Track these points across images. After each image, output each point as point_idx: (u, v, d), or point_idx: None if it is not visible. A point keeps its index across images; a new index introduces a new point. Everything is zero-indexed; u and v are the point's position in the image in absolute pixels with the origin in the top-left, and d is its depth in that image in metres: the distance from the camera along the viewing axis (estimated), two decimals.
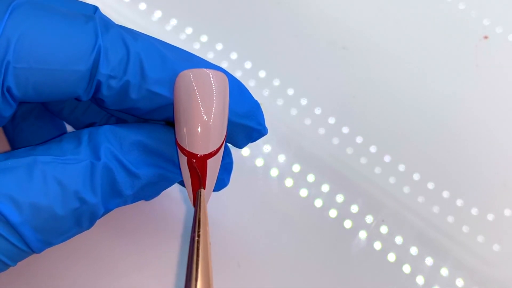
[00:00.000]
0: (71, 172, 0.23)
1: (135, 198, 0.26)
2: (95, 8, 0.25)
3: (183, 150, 0.24)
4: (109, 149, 0.24)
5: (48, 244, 0.24)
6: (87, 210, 0.23)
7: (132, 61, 0.24)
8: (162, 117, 0.26)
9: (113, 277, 0.31)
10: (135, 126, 0.25)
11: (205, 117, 0.23)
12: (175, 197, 0.33)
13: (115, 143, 0.24)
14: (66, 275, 0.31)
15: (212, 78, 0.24)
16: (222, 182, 0.28)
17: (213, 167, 0.25)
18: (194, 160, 0.24)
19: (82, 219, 0.24)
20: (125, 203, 0.25)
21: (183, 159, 0.25)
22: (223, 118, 0.24)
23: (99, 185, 0.23)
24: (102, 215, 0.25)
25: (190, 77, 0.24)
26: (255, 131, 0.27)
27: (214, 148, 0.24)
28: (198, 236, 0.23)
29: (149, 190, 0.26)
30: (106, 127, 0.25)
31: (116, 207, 0.25)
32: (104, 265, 0.31)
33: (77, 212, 0.23)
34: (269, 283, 0.33)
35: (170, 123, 0.26)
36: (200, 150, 0.24)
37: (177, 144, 0.25)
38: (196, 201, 0.25)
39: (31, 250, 0.23)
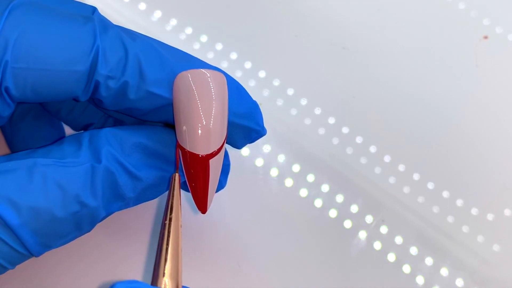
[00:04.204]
0: (71, 175, 0.23)
1: (137, 201, 0.26)
2: (94, 9, 0.25)
3: (185, 151, 0.24)
4: (110, 151, 0.24)
5: (47, 247, 0.23)
6: (87, 214, 0.23)
7: (130, 61, 0.24)
8: (161, 118, 0.26)
9: (112, 278, 0.31)
10: (136, 128, 0.25)
11: (205, 117, 0.23)
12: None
13: (116, 146, 0.24)
14: (66, 276, 0.31)
15: (211, 78, 0.24)
16: (219, 184, 0.28)
17: (215, 167, 0.25)
18: (196, 161, 0.24)
19: (82, 222, 0.24)
20: (127, 206, 0.25)
21: (184, 160, 0.25)
22: (223, 118, 0.24)
23: (99, 188, 0.23)
24: (103, 218, 0.25)
25: (188, 78, 0.24)
26: (254, 132, 0.27)
27: (215, 148, 0.24)
28: (170, 220, 0.24)
29: (151, 192, 0.26)
30: (107, 129, 0.25)
31: (118, 210, 0.25)
32: (104, 266, 0.31)
33: (77, 215, 0.23)
34: (269, 283, 0.33)
35: (169, 124, 0.26)
36: (201, 150, 0.24)
37: (178, 145, 0.25)
38: (170, 186, 0.25)
39: (30, 253, 0.23)
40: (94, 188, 0.23)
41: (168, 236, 0.23)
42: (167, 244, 0.23)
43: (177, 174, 0.25)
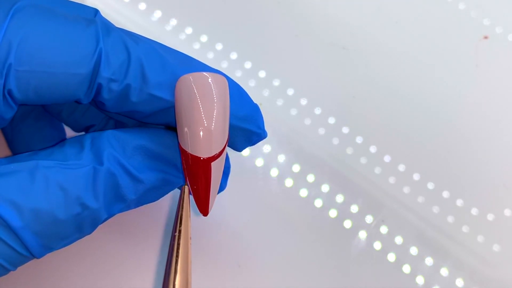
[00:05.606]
0: (73, 177, 0.23)
1: (139, 203, 0.26)
2: (96, 11, 0.25)
3: (186, 154, 0.24)
4: (112, 154, 0.24)
5: (49, 249, 0.23)
6: (89, 216, 0.23)
7: (133, 64, 0.24)
8: (162, 121, 0.26)
9: (113, 279, 0.31)
10: (138, 130, 0.25)
11: (206, 120, 0.23)
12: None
13: (118, 148, 0.24)
14: (67, 277, 0.31)
15: (212, 81, 0.24)
16: (220, 186, 0.28)
17: (217, 169, 0.25)
18: (198, 164, 0.24)
19: (84, 224, 0.24)
20: (128, 208, 0.25)
21: (186, 163, 0.25)
22: (225, 121, 0.24)
23: (101, 190, 0.23)
24: (105, 220, 0.25)
25: (190, 81, 0.24)
26: (255, 135, 0.27)
27: (217, 151, 0.24)
28: (179, 232, 0.24)
29: (152, 194, 0.26)
30: (109, 132, 0.25)
31: (119, 212, 0.25)
32: (105, 267, 0.32)
33: (79, 217, 0.23)
34: (269, 284, 0.33)
35: (171, 127, 0.26)
36: (203, 153, 0.24)
37: (180, 148, 0.25)
38: (179, 198, 0.25)
39: (32, 255, 0.23)
40: (95, 190, 0.23)
41: (178, 248, 0.24)
42: (177, 256, 0.23)
43: (186, 186, 0.25)
